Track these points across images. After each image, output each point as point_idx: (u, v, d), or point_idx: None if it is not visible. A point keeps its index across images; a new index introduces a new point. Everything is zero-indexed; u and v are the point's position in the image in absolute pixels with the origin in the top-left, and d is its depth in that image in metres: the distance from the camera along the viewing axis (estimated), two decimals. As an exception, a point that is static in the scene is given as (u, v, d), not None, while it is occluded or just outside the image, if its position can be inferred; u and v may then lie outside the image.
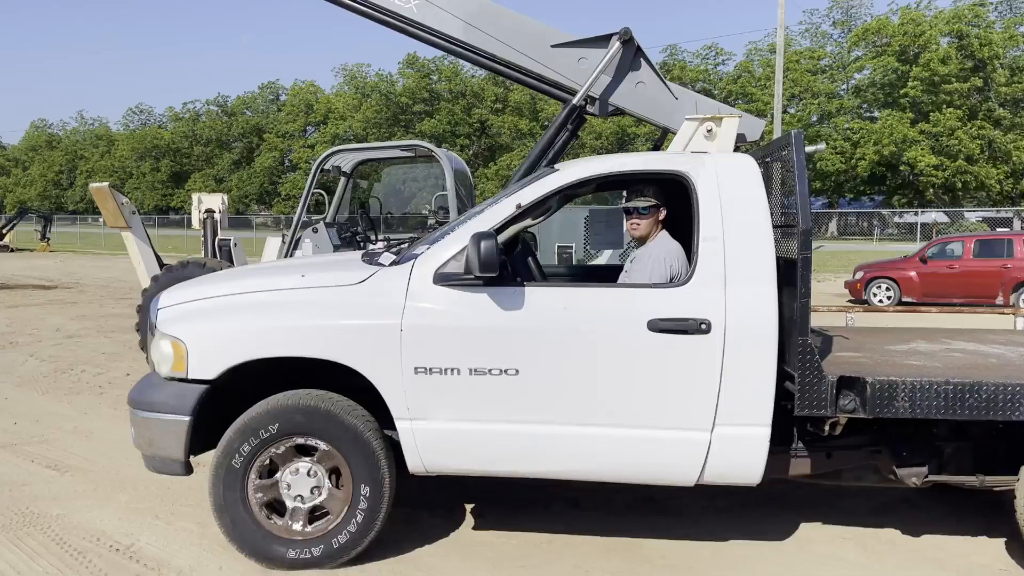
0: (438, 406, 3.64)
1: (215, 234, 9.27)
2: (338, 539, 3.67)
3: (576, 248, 7.57)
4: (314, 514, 3.74)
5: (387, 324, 3.61)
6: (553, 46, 6.46)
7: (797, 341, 3.47)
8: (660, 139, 7.25)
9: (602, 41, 6.37)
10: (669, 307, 3.55)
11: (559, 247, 7.51)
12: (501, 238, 3.66)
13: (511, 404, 3.61)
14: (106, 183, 8.44)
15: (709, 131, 5.98)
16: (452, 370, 3.60)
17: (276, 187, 69.58)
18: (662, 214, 4.18)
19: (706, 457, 3.58)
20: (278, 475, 3.71)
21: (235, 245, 8.93)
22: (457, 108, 60.09)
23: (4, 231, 34.57)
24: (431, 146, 7.67)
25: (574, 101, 6.41)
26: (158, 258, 8.51)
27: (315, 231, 7.76)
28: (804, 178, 3.53)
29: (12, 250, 33.23)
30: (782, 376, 3.57)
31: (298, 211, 7.93)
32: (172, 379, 3.75)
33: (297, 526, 3.71)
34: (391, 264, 3.81)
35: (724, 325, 3.50)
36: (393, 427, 3.68)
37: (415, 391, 3.62)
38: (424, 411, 3.64)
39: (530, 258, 4.46)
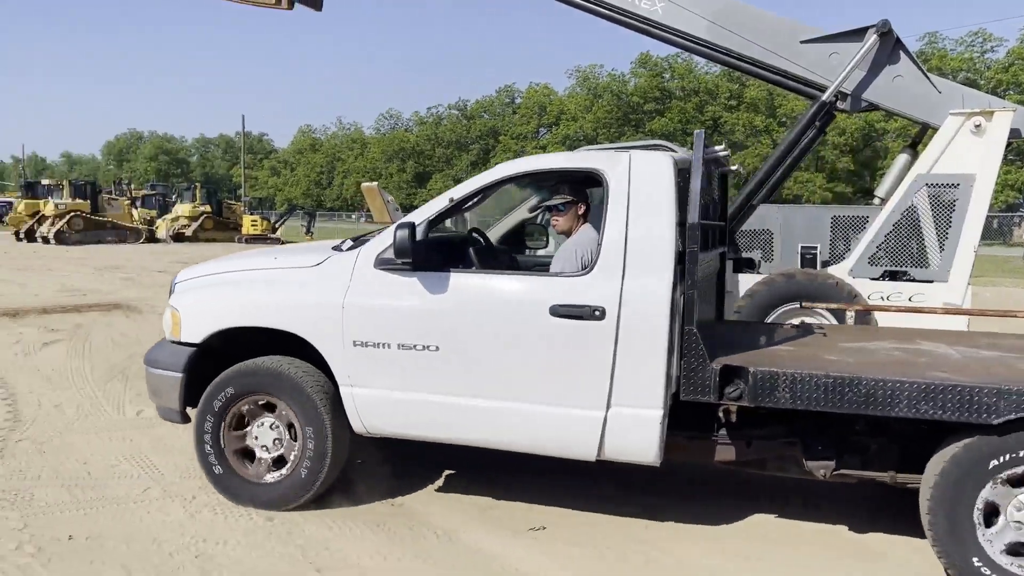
0: (373, 376, 4.12)
1: (462, 230, 9.98)
2: (293, 482, 4.24)
3: (821, 249, 7.28)
4: (279, 462, 4.34)
5: (332, 302, 4.14)
6: (803, 42, 6.30)
7: (684, 330, 3.70)
8: (919, 135, 6.83)
9: (856, 35, 6.13)
10: (570, 295, 3.83)
11: (802, 248, 7.26)
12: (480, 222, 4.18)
13: (433, 377, 4.03)
14: (375, 183, 9.41)
15: (977, 126, 5.56)
16: (384, 344, 4.08)
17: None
18: (582, 208, 4.43)
19: (602, 434, 3.82)
20: (248, 428, 4.35)
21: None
22: (689, 106, 59.07)
23: (277, 225, 39.09)
24: (673, 146, 7.62)
25: (824, 97, 6.23)
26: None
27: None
28: (699, 175, 3.73)
29: (283, 242, 37.55)
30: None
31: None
32: (173, 342, 4.48)
33: (263, 471, 4.34)
34: (347, 250, 4.29)
35: (618, 313, 3.74)
36: None
37: (354, 362, 4.13)
38: (361, 380, 4.14)
39: (474, 248, 4.57)
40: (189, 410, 4.47)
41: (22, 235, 35.88)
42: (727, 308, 5.89)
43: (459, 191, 4.22)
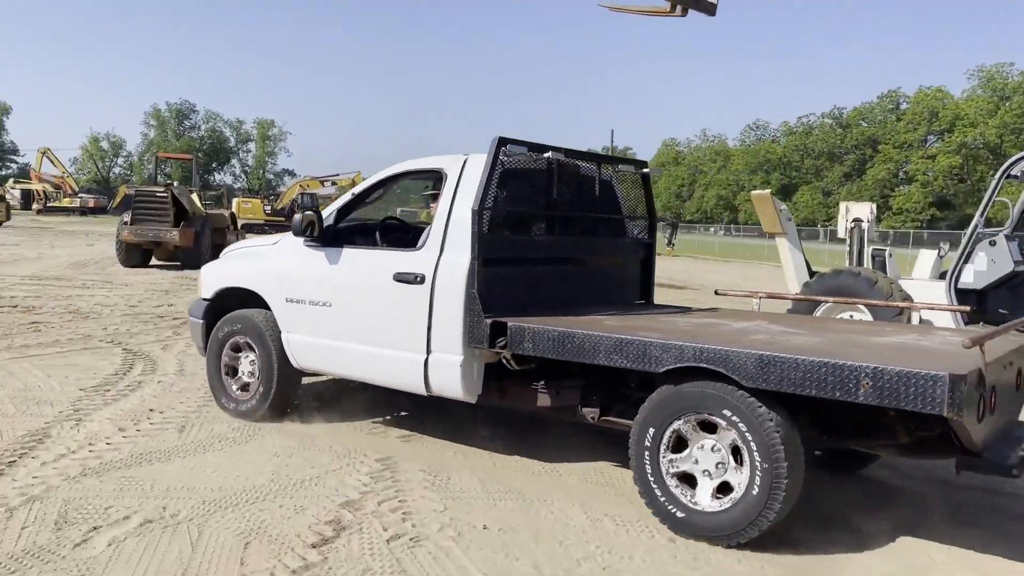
0: (297, 325, 5.48)
1: (862, 243, 9.01)
2: (255, 398, 5.68)
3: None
4: (246, 382, 5.81)
5: (275, 269, 5.63)
6: None
7: (467, 294, 4.58)
8: None
9: None
10: (405, 264, 4.92)
11: (873, 250, 6.91)
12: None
13: (329, 326, 5.29)
14: (768, 190, 8.86)
15: None
16: (302, 301, 5.43)
17: (887, 200, 65.91)
18: None
19: (426, 374, 4.79)
20: (239, 356, 5.85)
21: (890, 256, 8.52)
22: None
23: (640, 235, 39.82)
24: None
25: None
26: (808, 265, 8.61)
27: (992, 244, 6.86)
28: (487, 173, 4.68)
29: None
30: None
31: (973, 222, 7.11)
32: (201, 299, 6.18)
33: (237, 390, 5.84)
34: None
35: (433, 279, 4.76)
36: None
37: (287, 314, 5.53)
38: (291, 327, 5.52)
39: (363, 229, 5.79)
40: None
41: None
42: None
43: (359, 187, 5.66)
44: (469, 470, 4.83)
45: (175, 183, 26.70)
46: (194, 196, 19.84)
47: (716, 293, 6.72)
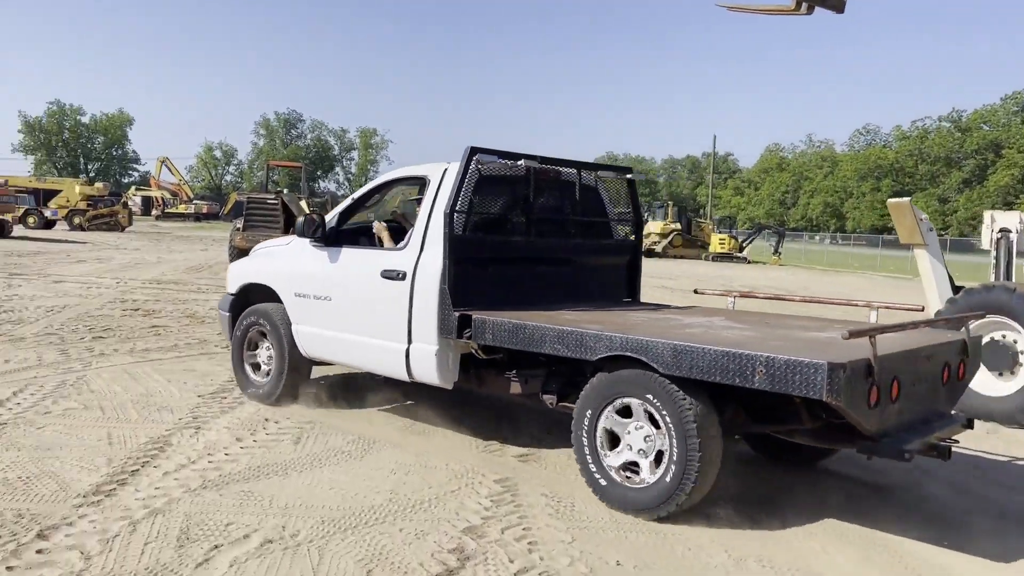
0: (304, 317, 5.99)
1: (1011, 255, 8.23)
2: (270, 382, 6.22)
3: None
4: (265, 368, 6.38)
5: (286, 267, 6.19)
6: None
7: (440, 289, 5.09)
8: None
9: None
10: (390, 263, 5.45)
11: None
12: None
13: (330, 318, 5.80)
14: (907, 199, 8.22)
15: None
16: (308, 295, 5.95)
17: (1012, 207, 61.90)
18: None
19: (407, 362, 5.31)
20: (257, 349, 6.44)
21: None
22: None
23: (744, 245, 38.62)
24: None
25: None
26: (951, 279, 7.92)
27: None
28: (458, 179, 5.20)
29: (748, 261, 36.88)
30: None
31: None
32: (228, 293, 6.79)
33: (258, 376, 6.38)
34: None
35: (413, 275, 5.30)
36: None
37: (296, 307, 6.05)
38: (299, 319, 6.03)
39: (358, 231, 6.27)
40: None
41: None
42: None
43: (358, 193, 6.23)
44: (596, 500, 4.52)
45: (284, 190, 27.47)
46: (302, 203, 20.30)
47: (695, 292, 6.96)
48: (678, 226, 39.22)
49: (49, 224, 37.15)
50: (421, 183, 5.79)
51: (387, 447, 5.31)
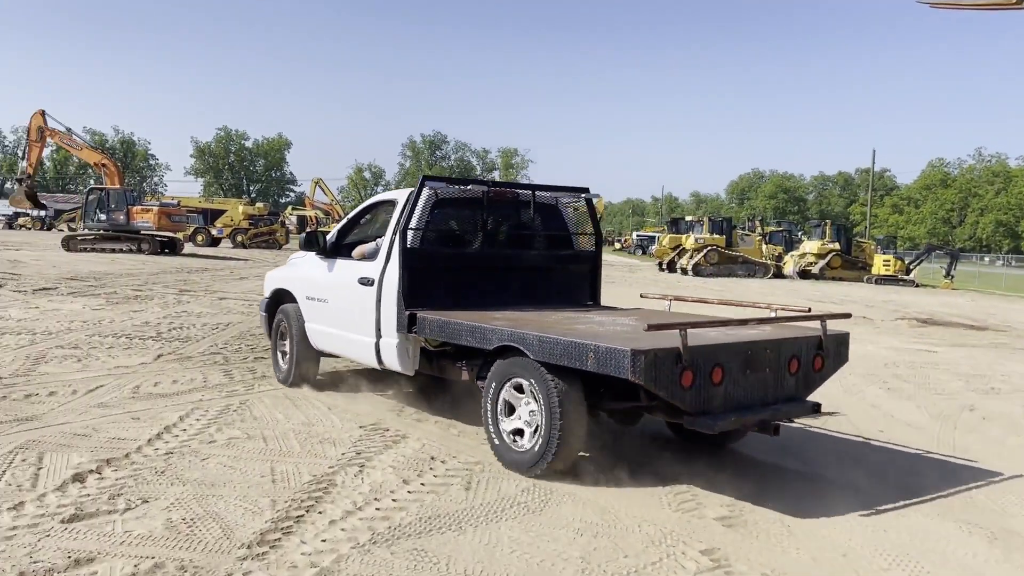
0: (311, 316, 7.30)
1: None
2: (287, 368, 7.50)
3: None
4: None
5: (300, 274, 7.63)
6: None
7: (397, 294, 6.12)
8: None
9: None
10: (365, 271, 6.53)
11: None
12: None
13: (327, 317, 7.06)
14: None
15: None
16: (313, 298, 7.28)
17: None
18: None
19: (378, 353, 6.37)
20: (285, 340, 7.63)
21: None
22: None
23: (912, 266, 35.70)
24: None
25: None
26: None
27: None
28: (414, 203, 6.26)
29: (916, 285, 34.01)
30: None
31: None
32: (265, 298, 8.15)
33: (283, 363, 7.63)
34: None
35: (380, 282, 6.33)
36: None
37: (306, 308, 7.40)
38: (309, 318, 7.34)
39: (347, 244, 7.29)
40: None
41: (664, 265, 39.79)
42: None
43: (351, 214, 7.48)
44: None
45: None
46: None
47: (640, 296, 7.81)
48: (836, 246, 36.82)
49: (215, 242, 39.47)
50: (392, 205, 6.78)
51: (566, 499, 4.69)
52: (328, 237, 7.27)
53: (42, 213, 52.06)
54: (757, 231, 42.62)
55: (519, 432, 5.16)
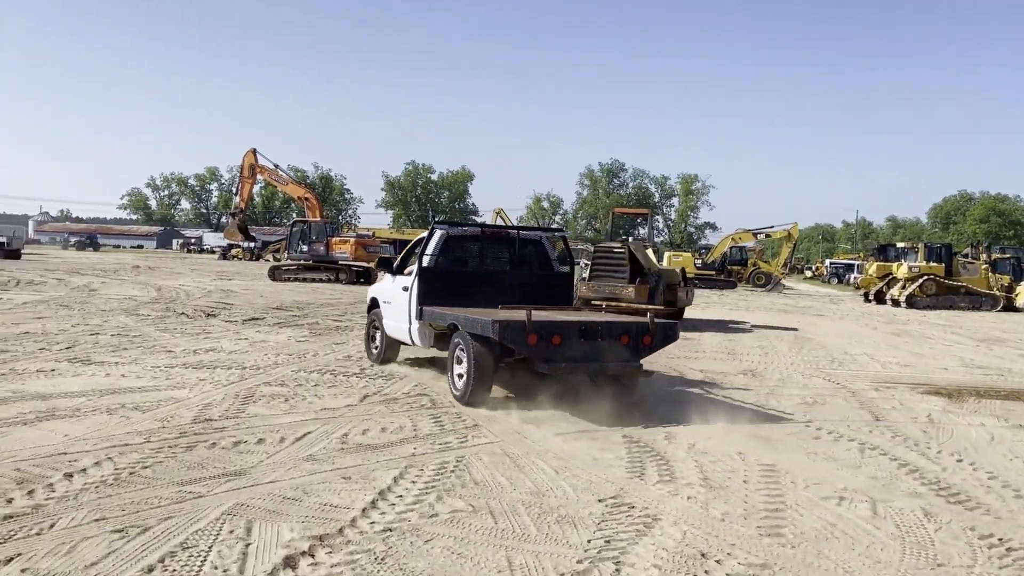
0: (386, 314, 10.23)
1: None
2: (375, 354, 10.58)
3: None
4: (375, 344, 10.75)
5: (381, 288, 10.76)
6: None
7: (418, 295, 9.31)
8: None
9: None
10: (405, 283, 9.59)
11: None
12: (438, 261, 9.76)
13: (391, 314, 10.04)
14: None
15: None
16: (386, 302, 10.28)
17: None
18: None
19: (410, 332, 9.38)
20: (375, 332, 10.69)
21: None
22: None
23: None
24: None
25: None
26: None
27: None
28: (428, 238, 9.69)
29: None
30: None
31: None
32: (367, 305, 11.36)
33: (373, 349, 10.73)
34: None
35: (411, 288, 9.33)
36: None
37: (384, 308, 10.34)
38: (385, 316, 10.26)
39: (405, 265, 10.46)
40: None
41: (871, 296, 36.29)
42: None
43: (408, 247, 10.93)
44: None
45: (630, 239, 26.65)
46: (649, 252, 19.08)
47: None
48: (935, 267, 32.58)
49: (404, 271, 40.44)
50: (421, 240, 9.89)
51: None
52: (396, 261, 10.87)
53: (251, 244, 56.15)
54: (982, 258, 38.00)
55: (460, 376, 8.03)
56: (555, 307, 9.24)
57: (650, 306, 15.15)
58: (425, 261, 9.31)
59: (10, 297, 18.79)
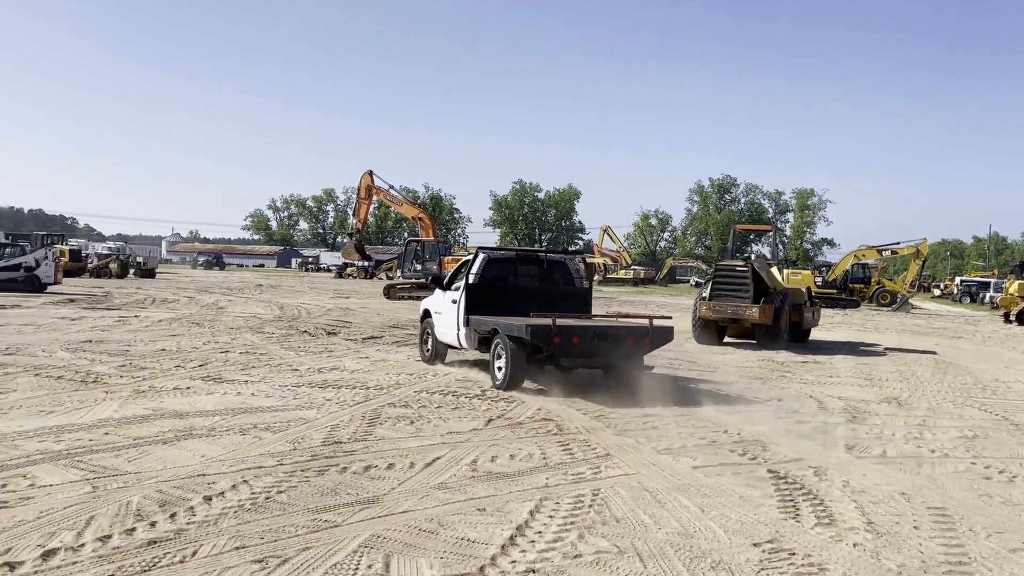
0: (437, 322, 12.32)
1: None
2: (427, 355, 12.65)
3: None
4: (428, 347, 12.81)
5: (432, 300, 12.94)
6: None
7: (466, 305, 11.47)
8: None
9: None
10: (455, 296, 11.76)
11: None
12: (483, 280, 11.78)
13: (441, 322, 12.11)
14: None
15: None
16: (437, 312, 12.37)
17: None
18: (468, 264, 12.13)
19: (459, 337, 11.40)
20: (427, 336, 12.71)
21: None
22: None
23: None
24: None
25: None
26: None
27: None
28: (474, 259, 11.99)
29: None
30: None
31: None
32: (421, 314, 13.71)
33: (427, 352, 12.76)
34: None
35: (459, 300, 11.40)
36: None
37: (435, 318, 12.43)
38: (436, 324, 12.37)
39: (451, 281, 12.51)
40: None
41: (1012, 317, 33.69)
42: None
43: (457, 266, 12.80)
44: None
45: (753, 256, 25.68)
46: (774, 270, 18.26)
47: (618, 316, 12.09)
48: None
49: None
50: (467, 261, 11.99)
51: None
52: (445, 277, 12.97)
53: (366, 263, 57.67)
54: None
55: (500, 369, 9.96)
56: (575, 315, 10.82)
57: (766, 322, 16.96)
58: (471, 279, 11.38)
59: (147, 315, 19.81)
